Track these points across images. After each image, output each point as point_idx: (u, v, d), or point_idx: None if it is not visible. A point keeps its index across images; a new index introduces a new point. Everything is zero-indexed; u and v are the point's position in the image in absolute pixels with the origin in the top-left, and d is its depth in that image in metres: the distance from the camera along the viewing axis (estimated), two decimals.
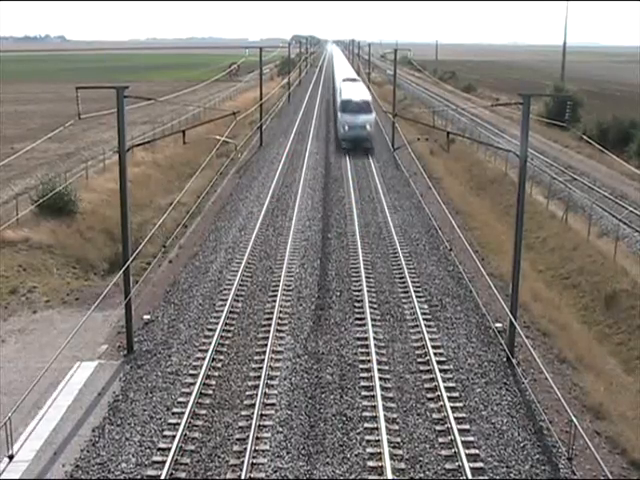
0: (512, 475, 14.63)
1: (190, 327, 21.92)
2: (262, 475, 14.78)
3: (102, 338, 21.03)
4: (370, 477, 14.69)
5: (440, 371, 18.79)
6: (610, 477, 8.53)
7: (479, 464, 14.99)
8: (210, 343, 20.33)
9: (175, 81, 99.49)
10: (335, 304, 23.65)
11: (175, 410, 17.08)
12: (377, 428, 16.19)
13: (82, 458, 15.26)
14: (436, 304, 23.71)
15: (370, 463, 15.06)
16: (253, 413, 16.68)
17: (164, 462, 14.90)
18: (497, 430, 16.31)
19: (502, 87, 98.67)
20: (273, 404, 17.40)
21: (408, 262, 27.52)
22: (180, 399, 17.60)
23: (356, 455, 15.32)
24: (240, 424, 16.54)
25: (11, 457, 13.76)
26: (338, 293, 24.57)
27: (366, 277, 25.78)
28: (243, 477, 14.47)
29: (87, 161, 40.66)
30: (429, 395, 17.89)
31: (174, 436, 15.82)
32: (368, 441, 15.84)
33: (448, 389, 17.97)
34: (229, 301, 23.38)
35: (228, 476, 14.77)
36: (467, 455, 15.09)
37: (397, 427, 16.39)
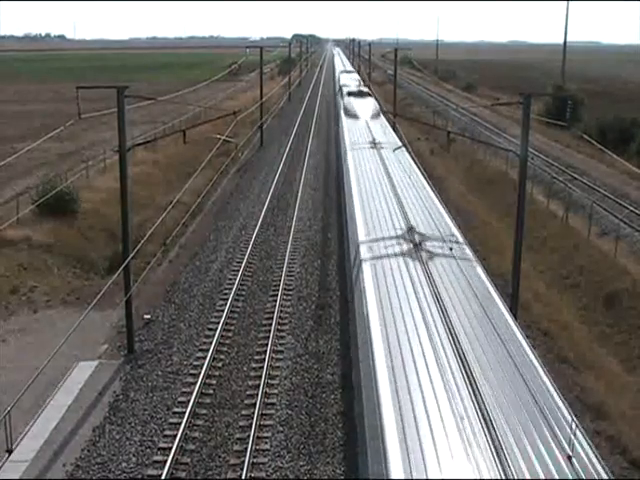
0: None
1: (191, 327, 21.94)
2: (262, 475, 14.80)
3: (103, 338, 21.05)
4: None
5: None
6: (610, 477, 8.53)
7: None
8: (211, 343, 20.35)
9: (176, 81, 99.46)
10: None
11: (176, 410, 17.10)
12: None
13: (82, 458, 15.27)
14: None
15: None
16: (254, 412, 16.71)
17: (165, 462, 14.92)
18: None
19: (502, 86, 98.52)
20: (273, 403, 17.44)
21: None
22: (181, 399, 17.61)
23: None
24: (241, 423, 16.57)
25: (10, 452, 13.77)
26: None
27: None
28: (243, 477, 14.50)
29: (88, 161, 40.65)
30: None
31: (175, 435, 15.83)
32: None
33: None
34: (230, 300, 23.40)
35: (228, 476, 14.80)
36: None
37: None
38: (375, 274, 14.86)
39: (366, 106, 45.39)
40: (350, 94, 52.07)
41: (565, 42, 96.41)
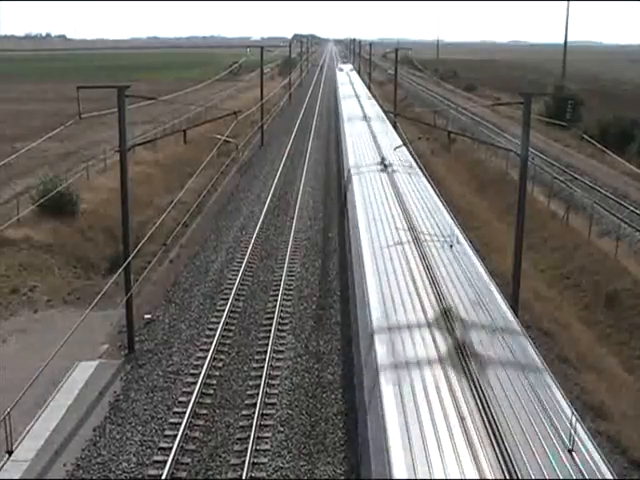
0: None
1: (191, 326, 21.92)
2: (263, 475, 14.79)
3: (103, 337, 21.04)
4: None
5: None
6: (610, 470, 8.55)
7: None
8: (211, 342, 20.33)
9: (177, 80, 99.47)
10: None
11: (176, 409, 17.09)
12: None
13: (83, 457, 15.27)
14: None
15: None
16: (254, 412, 16.70)
17: (165, 462, 14.91)
18: None
19: (503, 86, 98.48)
20: (274, 403, 17.43)
21: None
22: (181, 398, 17.60)
23: None
24: (241, 423, 16.55)
25: (10, 452, 13.75)
26: None
27: None
28: (244, 477, 14.49)
29: (88, 160, 40.64)
30: None
31: (175, 435, 15.82)
32: None
33: None
34: (230, 300, 23.38)
35: (229, 476, 14.79)
36: None
37: None
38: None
39: None
40: None
41: (565, 42, 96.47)
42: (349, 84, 74.36)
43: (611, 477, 8.38)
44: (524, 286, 20.88)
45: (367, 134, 36.30)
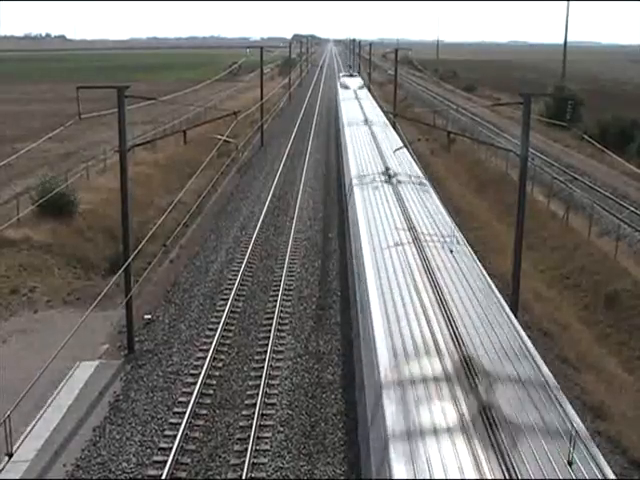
0: None
1: (191, 327, 21.93)
2: (263, 475, 14.80)
3: (103, 338, 21.04)
4: None
5: None
6: (612, 477, 8.56)
7: None
8: (211, 343, 20.34)
9: (177, 81, 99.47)
10: None
11: (176, 410, 17.09)
12: None
13: (83, 458, 15.27)
14: None
15: None
16: (254, 413, 16.70)
17: (165, 462, 14.92)
18: None
19: (503, 86, 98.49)
20: (274, 404, 17.43)
21: None
22: (181, 399, 17.61)
23: None
24: (241, 424, 16.56)
25: (10, 455, 13.75)
26: None
27: None
28: (244, 477, 14.50)
29: (88, 161, 40.65)
30: None
31: (175, 436, 15.83)
32: None
33: None
34: (230, 301, 23.39)
35: (229, 476, 14.79)
36: None
37: None
38: None
39: None
40: None
41: (565, 42, 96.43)
42: (364, 126, 38.13)
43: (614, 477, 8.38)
44: (524, 286, 20.89)
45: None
